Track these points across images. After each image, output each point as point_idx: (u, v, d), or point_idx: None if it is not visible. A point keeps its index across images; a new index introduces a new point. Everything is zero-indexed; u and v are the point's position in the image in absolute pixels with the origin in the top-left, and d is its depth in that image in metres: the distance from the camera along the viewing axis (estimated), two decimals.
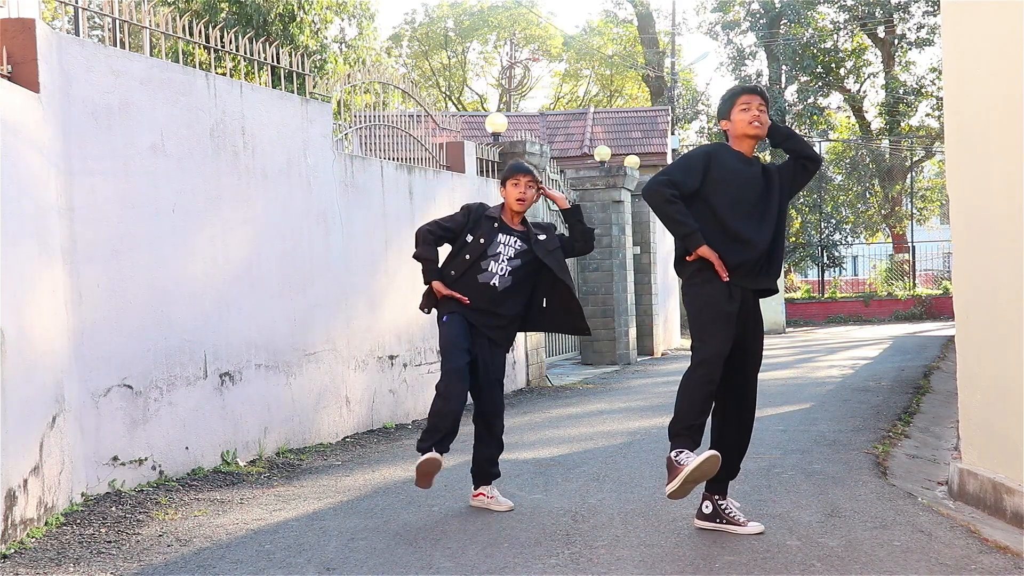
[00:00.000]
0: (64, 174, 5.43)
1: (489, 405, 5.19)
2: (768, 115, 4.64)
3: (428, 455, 4.90)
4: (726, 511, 4.60)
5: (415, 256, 5.20)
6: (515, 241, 5.16)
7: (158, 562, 4.38)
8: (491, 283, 5.09)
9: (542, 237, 5.24)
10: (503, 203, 5.29)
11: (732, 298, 4.49)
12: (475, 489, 5.28)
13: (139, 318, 5.88)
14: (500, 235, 5.15)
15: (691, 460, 4.27)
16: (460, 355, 4.99)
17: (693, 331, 4.56)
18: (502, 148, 11.28)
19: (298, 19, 17.39)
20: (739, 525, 4.55)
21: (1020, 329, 4.76)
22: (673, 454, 4.36)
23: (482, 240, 5.13)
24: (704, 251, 4.47)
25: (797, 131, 29.56)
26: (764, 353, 4.73)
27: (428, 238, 5.17)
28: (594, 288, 14.42)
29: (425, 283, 5.16)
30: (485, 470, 5.23)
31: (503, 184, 5.26)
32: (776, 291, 4.73)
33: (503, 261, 5.12)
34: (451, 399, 4.91)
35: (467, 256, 5.11)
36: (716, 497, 4.62)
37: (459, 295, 5.07)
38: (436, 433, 4.92)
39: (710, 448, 4.54)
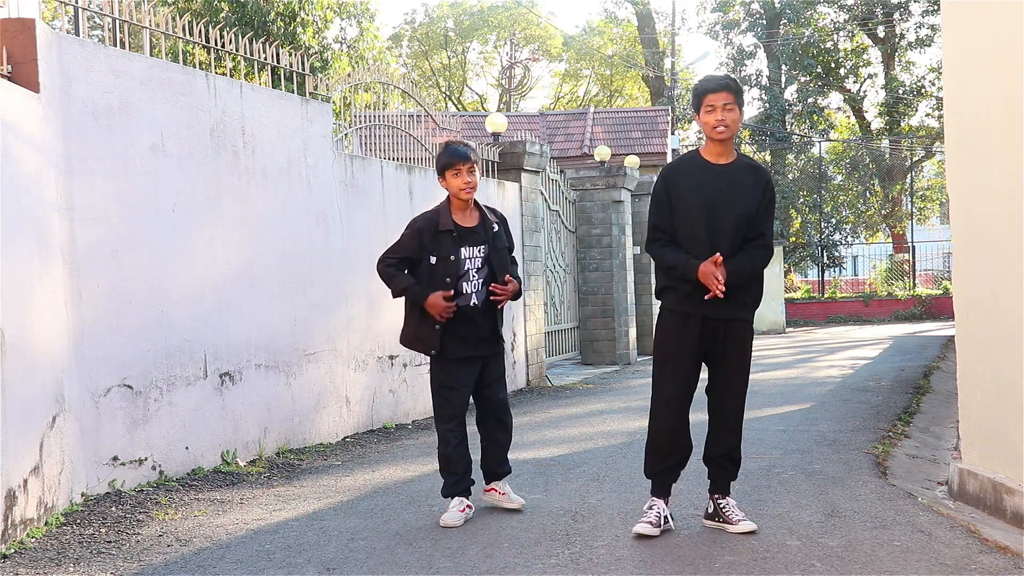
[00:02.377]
0: (64, 174, 5.43)
1: (495, 404, 5.14)
2: (739, 109, 4.47)
3: (446, 516, 4.92)
4: (723, 509, 4.64)
5: (396, 294, 4.99)
6: (477, 251, 4.97)
7: (158, 562, 4.38)
8: (471, 304, 4.95)
9: (496, 228, 5.03)
10: (448, 198, 5.02)
11: (689, 331, 4.52)
12: (487, 484, 5.20)
13: (139, 318, 5.88)
14: (462, 250, 4.94)
15: (645, 523, 4.53)
16: (457, 400, 4.98)
17: (653, 364, 4.70)
18: (502, 148, 11.29)
19: (299, 19, 17.39)
20: (731, 524, 4.59)
21: (1020, 329, 4.76)
22: (647, 505, 4.66)
23: (452, 257, 4.91)
24: (701, 272, 4.38)
25: (797, 130, 29.54)
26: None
27: (390, 272, 4.97)
28: (594, 288, 14.43)
29: (417, 303, 4.90)
30: (497, 469, 5.18)
31: (442, 175, 4.96)
32: (747, 320, 4.64)
33: (473, 277, 4.96)
34: (449, 443, 4.96)
35: (447, 279, 4.89)
36: (717, 496, 4.68)
37: (451, 301, 4.85)
38: (451, 475, 4.99)
39: (703, 454, 4.71)
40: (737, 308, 4.57)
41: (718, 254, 4.40)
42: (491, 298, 4.96)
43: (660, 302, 4.67)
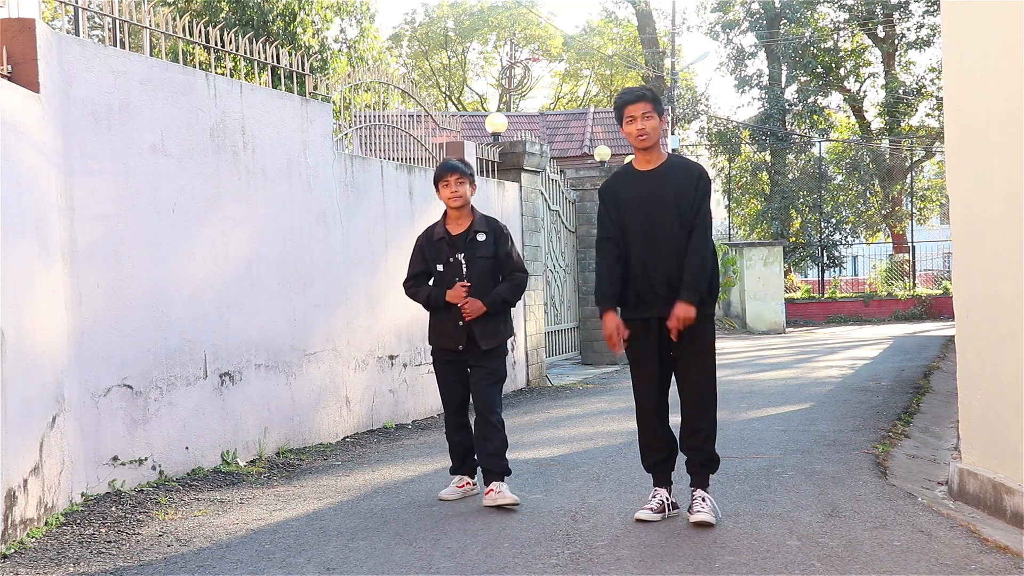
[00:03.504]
0: (64, 174, 5.43)
1: (480, 403, 5.35)
2: (658, 116, 4.69)
3: (443, 491, 5.54)
4: (693, 502, 4.76)
5: (425, 304, 5.42)
6: (462, 258, 5.34)
7: (158, 562, 4.38)
8: (456, 305, 5.33)
9: (481, 238, 5.36)
10: (446, 210, 5.45)
11: (648, 335, 4.75)
12: (486, 486, 5.29)
13: (139, 318, 5.88)
14: (459, 255, 5.34)
15: (647, 510, 4.83)
16: (448, 394, 5.44)
17: (630, 368, 5.00)
18: (502, 148, 11.28)
19: (299, 19, 17.39)
20: (691, 513, 4.72)
21: (1020, 329, 4.76)
22: (650, 494, 4.93)
23: (452, 260, 5.33)
24: (604, 321, 4.75)
25: (797, 130, 29.49)
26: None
27: (413, 290, 5.44)
28: (594, 288, 14.40)
29: (440, 302, 5.32)
30: (488, 466, 5.28)
31: (436, 187, 5.40)
32: (703, 312, 4.71)
33: (456, 283, 5.32)
34: (447, 428, 5.52)
35: (456, 279, 5.31)
36: (693, 489, 4.81)
37: (466, 286, 5.26)
38: (453, 458, 5.54)
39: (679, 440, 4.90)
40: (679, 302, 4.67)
41: (613, 318, 4.71)
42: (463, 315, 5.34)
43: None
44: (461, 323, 5.27)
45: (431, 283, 5.44)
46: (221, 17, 16.62)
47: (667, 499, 4.85)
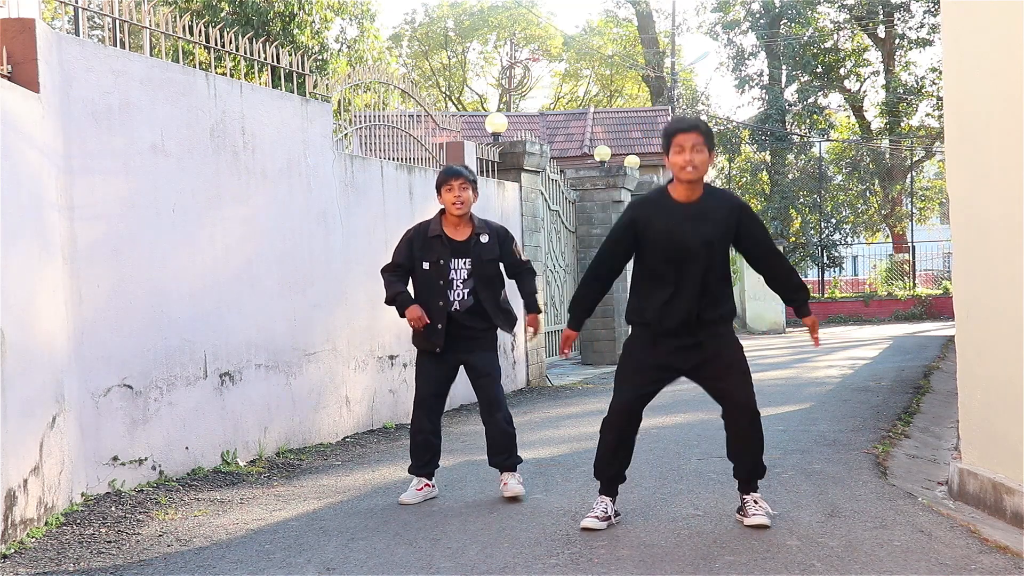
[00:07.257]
0: (64, 173, 5.43)
1: (485, 400, 5.45)
2: (708, 152, 4.49)
3: (404, 495, 5.44)
4: (745, 504, 4.75)
5: (387, 300, 5.41)
6: (465, 263, 5.33)
7: (158, 562, 4.38)
8: (453, 309, 5.33)
9: (484, 239, 5.36)
10: (443, 211, 5.37)
11: (657, 350, 4.64)
12: (500, 475, 5.52)
13: (139, 318, 5.88)
14: (452, 259, 5.32)
15: (592, 517, 4.71)
16: (426, 388, 5.45)
17: (615, 376, 4.84)
18: (502, 148, 11.28)
19: (298, 19, 17.39)
20: (745, 517, 4.70)
21: (1020, 329, 4.76)
22: (595, 502, 4.83)
23: (442, 262, 5.29)
24: (564, 333, 4.88)
25: (797, 130, 29.47)
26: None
27: (388, 278, 5.40)
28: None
29: (399, 307, 5.33)
30: (500, 461, 5.45)
31: (438, 191, 5.34)
32: (720, 332, 4.65)
33: (457, 287, 5.33)
34: (416, 430, 5.44)
35: (440, 281, 5.30)
36: (742, 494, 4.80)
37: (426, 320, 5.26)
38: (415, 459, 5.45)
39: (726, 448, 4.82)
40: (704, 329, 4.62)
41: (570, 336, 4.84)
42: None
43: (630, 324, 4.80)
44: (440, 326, 5.30)
45: (410, 281, 5.43)
46: (221, 17, 16.61)
47: (611, 507, 4.77)
